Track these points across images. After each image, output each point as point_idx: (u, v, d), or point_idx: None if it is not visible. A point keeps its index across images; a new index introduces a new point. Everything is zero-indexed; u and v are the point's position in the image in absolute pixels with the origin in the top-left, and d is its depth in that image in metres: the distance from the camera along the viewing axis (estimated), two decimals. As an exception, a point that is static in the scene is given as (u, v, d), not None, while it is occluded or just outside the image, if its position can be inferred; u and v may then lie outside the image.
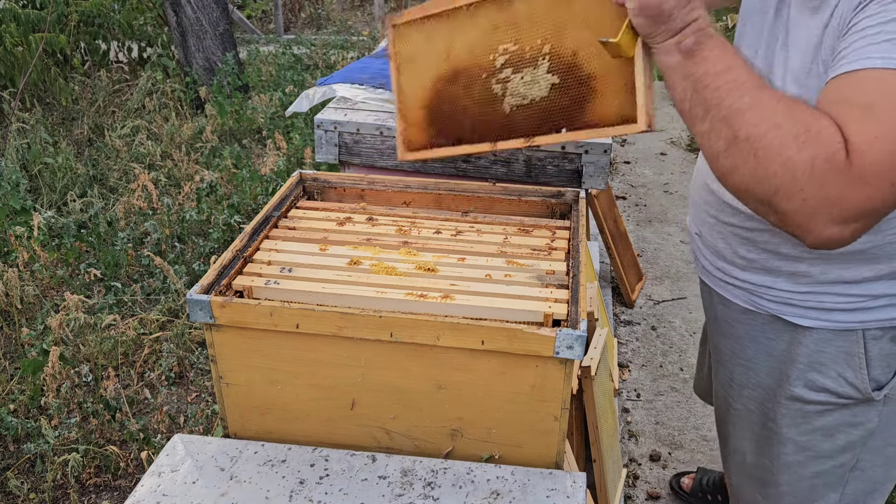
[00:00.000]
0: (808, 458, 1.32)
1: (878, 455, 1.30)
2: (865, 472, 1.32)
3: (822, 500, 1.36)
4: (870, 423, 1.26)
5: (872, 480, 1.33)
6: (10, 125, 4.14)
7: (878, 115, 0.91)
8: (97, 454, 2.26)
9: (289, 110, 2.10)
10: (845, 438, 1.28)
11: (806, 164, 0.91)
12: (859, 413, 1.26)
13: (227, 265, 1.34)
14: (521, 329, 1.17)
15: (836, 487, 1.34)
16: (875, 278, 1.17)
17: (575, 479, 1.21)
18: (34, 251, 3.09)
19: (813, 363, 1.25)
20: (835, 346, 1.23)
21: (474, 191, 1.64)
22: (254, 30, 7.22)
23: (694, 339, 2.93)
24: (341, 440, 1.32)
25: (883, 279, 1.17)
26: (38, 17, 4.61)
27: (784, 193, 0.93)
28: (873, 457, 1.30)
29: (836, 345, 1.23)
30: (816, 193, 0.92)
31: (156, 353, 2.72)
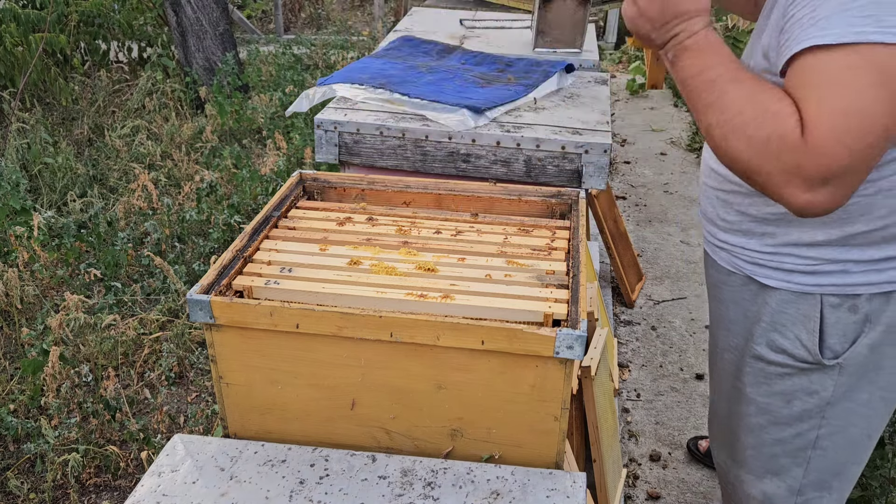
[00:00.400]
0: (769, 423, 1.38)
1: (841, 435, 1.34)
2: (828, 452, 1.36)
3: (785, 474, 1.40)
4: (825, 392, 1.31)
5: (837, 461, 1.37)
6: (10, 125, 4.14)
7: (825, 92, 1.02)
8: (97, 454, 2.26)
9: (289, 110, 2.10)
10: (801, 406, 1.34)
11: (762, 140, 1.05)
12: (815, 381, 1.31)
13: (227, 265, 1.34)
14: (521, 329, 1.17)
15: (798, 462, 1.38)
16: (826, 242, 1.24)
17: (575, 479, 1.21)
18: (34, 251, 3.09)
19: (774, 323, 1.32)
20: (795, 307, 1.30)
21: (474, 191, 1.64)
22: (254, 30, 7.22)
23: (694, 338, 2.93)
24: (341, 440, 1.32)
25: (834, 245, 1.24)
26: (38, 17, 4.60)
27: (754, 168, 1.07)
28: (835, 436, 1.34)
29: (797, 307, 1.29)
30: (776, 165, 1.04)
31: (156, 353, 2.72)
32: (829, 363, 1.29)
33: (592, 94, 2.22)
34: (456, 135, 1.87)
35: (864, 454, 1.39)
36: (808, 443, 1.36)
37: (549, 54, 2.52)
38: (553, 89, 2.23)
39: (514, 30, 2.86)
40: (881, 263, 1.24)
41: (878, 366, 1.29)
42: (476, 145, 1.87)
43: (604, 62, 6.53)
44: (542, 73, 2.26)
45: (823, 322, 1.28)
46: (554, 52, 2.54)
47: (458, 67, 2.32)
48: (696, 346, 2.88)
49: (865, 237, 1.23)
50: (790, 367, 1.33)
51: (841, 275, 1.25)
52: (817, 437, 1.35)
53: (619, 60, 6.62)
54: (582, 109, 2.07)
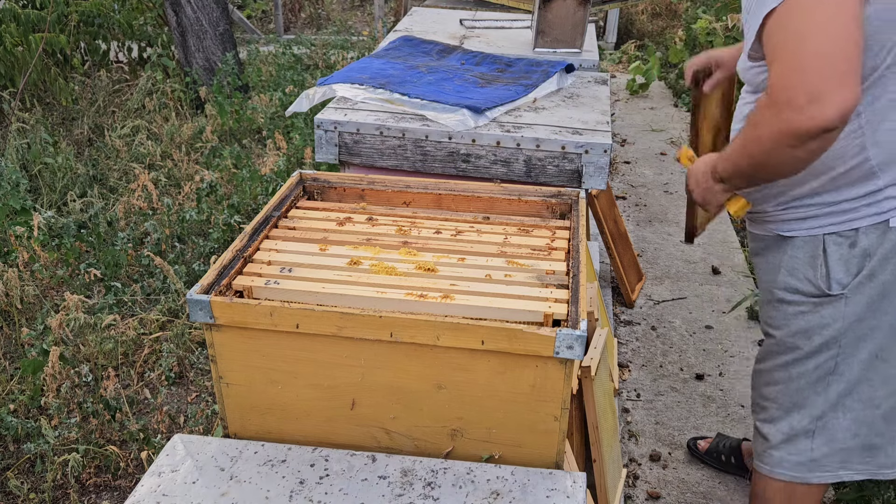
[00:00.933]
0: (794, 360, 1.57)
1: (854, 358, 1.51)
2: (843, 376, 1.53)
3: (810, 405, 1.57)
4: (836, 324, 1.49)
5: (850, 382, 1.53)
6: (10, 125, 4.14)
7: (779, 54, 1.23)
8: (97, 454, 2.26)
9: (289, 110, 2.10)
10: (819, 340, 1.52)
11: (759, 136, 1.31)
12: (827, 315, 1.49)
13: (227, 265, 1.34)
14: (521, 329, 1.17)
15: (818, 390, 1.56)
16: (821, 189, 1.44)
17: (575, 479, 1.21)
18: (34, 251, 3.09)
19: (790, 268, 1.52)
20: (803, 251, 1.50)
21: (474, 191, 1.64)
22: (254, 30, 7.22)
23: (694, 338, 2.93)
24: (341, 440, 1.32)
25: (828, 190, 1.43)
26: (38, 17, 4.60)
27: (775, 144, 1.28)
28: (849, 360, 1.51)
29: (804, 250, 1.49)
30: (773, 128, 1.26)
31: (156, 353, 2.72)
32: (835, 293, 1.47)
33: (592, 94, 2.22)
34: (456, 135, 1.87)
35: (875, 374, 1.53)
36: (827, 371, 1.53)
37: (549, 54, 2.52)
38: (553, 89, 2.23)
39: (514, 30, 2.86)
40: (868, 197, 1.41)
41: (881, 293, 1.45)
42: (476, 145, 1.87)
43: (604, 62, 6.53)
44: (542, 73, 2.26)
45: (828, 259, 1.46)
46: (554, 52, 2.54)
47: (458, 67, 2.32)
48: (696, 346, 2.88)
49: (847, 176, 1.40)
50: (805, 304, 1.52)
51: (838, 214, 1.44)
52: (836, 365, 1.52)
53: (619, 60, 6.62)
54: (582, 109, 2.07)
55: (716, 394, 2.62)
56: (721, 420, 2.50)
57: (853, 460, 1.59)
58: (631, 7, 7.35)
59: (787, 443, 1.62)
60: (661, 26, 7.35)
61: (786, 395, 1.60)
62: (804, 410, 1.59)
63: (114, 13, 5.12)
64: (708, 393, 2.63)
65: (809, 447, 1.60)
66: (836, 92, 1.17)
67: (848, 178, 1.41)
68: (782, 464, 1.64)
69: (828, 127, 1.20)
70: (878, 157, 1.38)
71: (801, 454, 1.61)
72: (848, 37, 1.17)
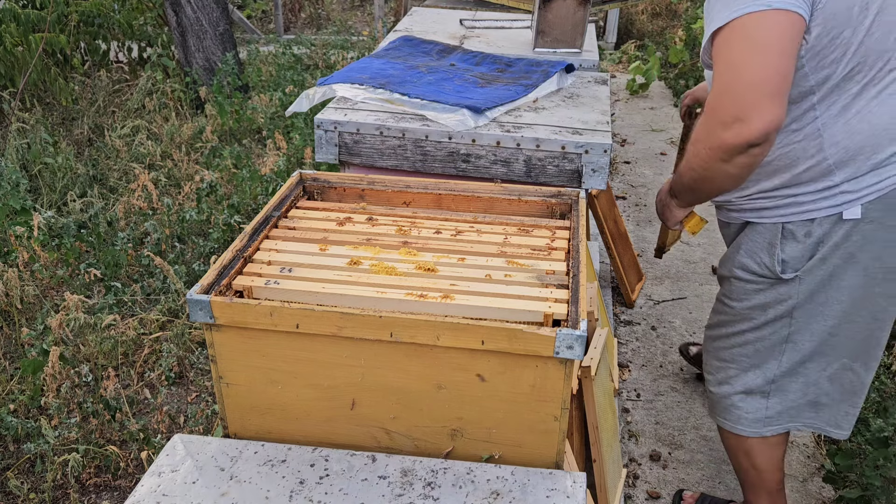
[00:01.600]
0: (751, 328, 1.73)
1: (807, 331, 1.67)
2: (797, 346, 1.69)
3: (764, 366, 1.74)
4: (790, 300, 1.65)
5: (803, 351, 1.69)
6: (10, 125, 4.14)
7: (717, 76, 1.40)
8: (97, 454, 2.26)
9: (289, 110, 2.10)
10: (774, 312, 1.68)
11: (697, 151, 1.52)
12: (783, 292, 1.65)
13: (227, 265, 1.34)
14: (521, 329, 1.17)
15: (774, 355, 1.72)
16: (782, 185, 1.58)
17: (575, 479, 1.21)
18: (34, 251, 3.09)
19: (748, 251, 1.67)
20: (762, 237, 1.64)
21: (474, 191, 1.64)
22: (254, 30, 7.22)
23: (693, 339, 2.93)
24: (341, 440, 1.32)
25: (788, 185, 1.57)
26: (38, 17, 4.60)
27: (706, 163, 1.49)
28: (802, 332, 1.67)
29: (764, 236, 1.64)
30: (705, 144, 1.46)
31: (156, 353, 2.72)
32: (788, 277, 1.63)
33: (592, 94, 2.22)
34: (456, 135, 1.87)
35: (828, 349, 1.69)
36: (782, 339, 1.70)
37: (549, 54, 2.52)
38: (553, 89, 2.23)
39: (514, 30, 2.86)
40: (825, 192, 1.54)
41: (831, 275, 1.60)
42: (476, 145, 1.87)
43: (604, 62, 6.53)
44: (542, 73, 2.26)
45: (784, 246, 1.61)
46: (554, 52, 2.54)
47: (458, 67, 2.32)
48: (696, 346, 2.88)
49: (807, 174, 1.54)
50: (762, 283, 1.68)
51: (797, 206, 1.57)
52: (789, 334, 1.69)
53: (619, 60, 6.62)
54: (582, 109, 2.07)
55: (716, 394, 2.62)
56: (721, 420, 2.50)
57: (802, 415, 1.78)
58: (631, 7, 7.35)
59: (744, 400, 1.80)
60: (661, 26, 7.35)
61: (743, 356, 1.77)
62: (759, 371, 1.76)
63: (114, 13, 5.12)
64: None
65: (764, 405, 1.78)
66: (759, 115, 1.34)
67: (808, 175, 1.54)
68: (741, 420, 1.81)
69: (752, 142, 1.37)
70: (835, 156, 1.51)
71: (757, 412, 1.79)
72: (776, 69, 1.33)
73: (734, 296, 1.74)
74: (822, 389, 1.73)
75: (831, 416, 1.76)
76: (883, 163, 1.50)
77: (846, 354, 1.69)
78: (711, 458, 2.36)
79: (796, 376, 1.73)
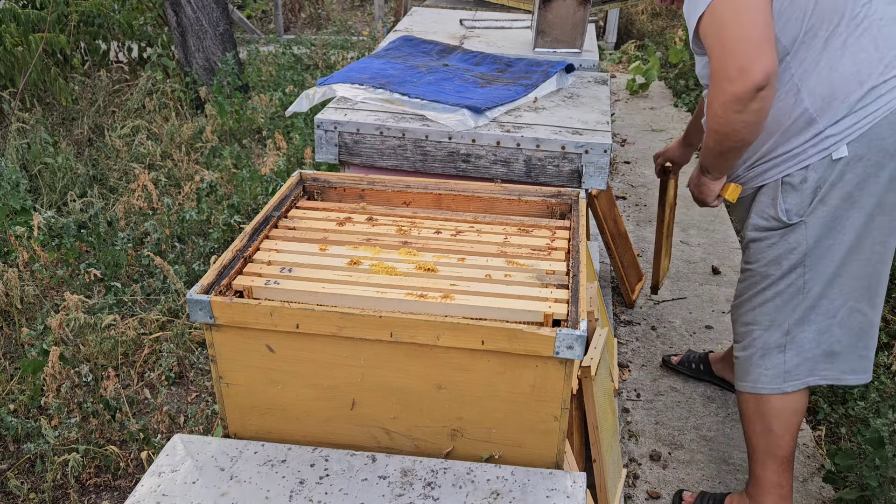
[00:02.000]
0: (769, 284, 1.85)
1: (816, 273, 1.78)
2: (810, 291, 1.80)
3: (781, 321, 1.85)
4: (800, 246, 1.77)
5: (813, 297, 1.80)
6: (10, 125, 4.14)
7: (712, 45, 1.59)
8: (97, 454, 2.26)
9: (289, 110, 2.10)
10: (788, 263, 1.80)
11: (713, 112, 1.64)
12: (792, 240, 1.78)
13: (227, 265, 1.34)
14: (521, 329, 1.17)
15: (791, 307, 1.83)
16: (776, 144, 1.75)
17: (575, 479, 1.21)
18: (34, 251, 3.09)
19: (758, 211, 1.83)
20: (766, 196, 1.80)
21: (474, 191, 1.64)
22: (254, 30, 7.22)
23: (694, 338, 2.93)
24: (341, 440, 1.33)
25: (781, 144, 1.74)
26: (38, 17, 4.60)
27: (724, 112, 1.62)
28: (814, 277, 1.79)
29: (767, 195, 1.80)
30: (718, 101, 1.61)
31: (156, 353, 2.72)
32: (794, 222, 1.76)
33: (592, 94, 2.22)
34: (456, 135, 1.87)
35: (832, 289, 1.79)
36: (798, 289, 1.81)
37: (549, 54, 2.52)
38: (553, 89, 2.23)
39: (514, 30, 2.86)
40: (813, 140, 1.70)
41: (833, 216, 1.73)
42: (476, 145, 1.87)
43: (604, 62, 6.53)
44: (542, 73, 2.27)
45: (785, 196, 1.76)
46: (554, 52, 2.54)
47: (458, 67, 2.32)
48: (696, 346, 2.88)
49: (793, 127, 1.71)
50: (773, 237, 1.81)
51: (790, 159, 1.74)
52: (804, 283, 1.80)
53: (619, 60, 6.62)
54: (582, 109, 2.07)
55: (716, 394, 2.62)
56: (721, 420, 2.50)
57: (818, 368, 1.86)
58: (631, 7, 7.35)
59: (763, 357, 1.89)
60: (661, 26, 7.35)
61: (764, 315, 1.87)
62: (777, 327, 1.86)
63: (114, 13, 5.12)
64: (708, 393, 2.63)
65: (782, 360, 1.87)
66: (758, 60, 1.52)
67: (794, 129, 1.71)
68: (761, 378, 1.90)
69: (758, 85, 1.53)
70: (814, 105, 1.68)
71: (776, 367, 1.88)
72: (764, 21, 1.54)
73: (752, 258, 1.88)
74: (834, 337, 1.83)
75: (846, 363, 1.86)
76: (857, 104, 1.66)
77: (852, 296, 1.80)
78: (711, 458, 2.36)
79: (808, 324, 1.83)
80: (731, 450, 2.38)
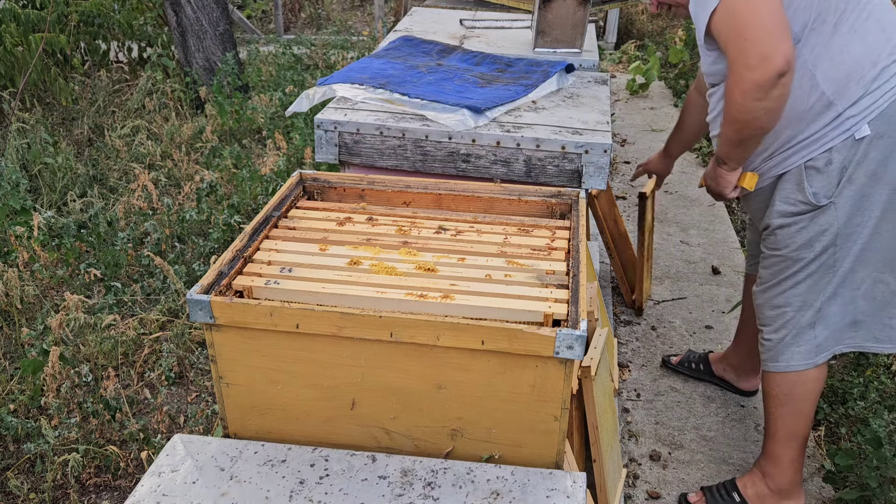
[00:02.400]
0: (802, 266, 1.86)
1: (847, 252, 1.82)
2: (840, 268, 1.84)
3: (813, 300, 1.88)
4: (832, 228, 1.80)
5: (842, 274, 1.85)
6: (10, 125, 4.14)
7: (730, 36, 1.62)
8: (97, 454, 2.26)
9: (289, 110, 2.10)
10: (821, 245, 1.82)
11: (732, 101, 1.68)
12: (822, 222, 1.80)
13: (227, 265, 1.34)
14: (521, 329, 1.17)
15: (822, 286, 1.86)
16: (796, 132, 1.78)
17: (575, 479, 1.21)
18: (34, 251, 3.09)
19: (783, 198, 1.84)
20: (790, 182, 1.83)
21: (474, 191, 1.64)
22: (254, 30, 7.22)
23: (694, 338, 2.93)
24: (341, 440, 1.33)
25: (801, 131, 1.77)
26: (38, 17, 4.60)
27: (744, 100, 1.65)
28: (844, 255, 1.83)
29: (791, 181, 1.82)
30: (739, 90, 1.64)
31: (156, 353, 2.72)
32: (824, 203, 1.79)
33: (592, 94, 2.22)
34: (456, 135, 1.87)
35: (860, 265, 1.84)
36: (828, 267, 1.84)
37: (549, 54, 2.52)
38: (553, 89, 2.23)
39: (514, 30, 2.86)
40: (833, 123, 1.74)
41: (861, 194, 1.77)
42: (476, 145, 1.87)
43: (604, 62, 6.53)
44: (542, 73, 2.27)
45: (811, 180, 1.78)
46: (554, 52, 2.54)
47: (458, 67, 2.32)
48: (696, 346, 2.88)
49: (811, 112, 1.74)
50: (802, 220, 1.82)
51: (812, 143, 1.77)
52: (834, 262, 1.83)
53: (619, 60, 6.62)
54: (582, 109, 2.07)
55: (716, 394, 2.62)
56: (721, 420, 2.50)
57: (844, 337, 1.92)
58: (631, 7, 7.35)
59: (797, 337, 1.92)
60: (661, 26, 7.35)
61: (796, 296, 1.90)
62: (808, 306, 1.89)
63: (114, 13, 5.12)
64: (708, 393, 2.63)
65: (813, 336, 1.91)
66: (778, 47, 1.56)
67: (812, 114, 1.75)
68: (795, 356, 1.93)
69: (780, 72, 1.57)
70: (830, 89, 1.72)
71: (808, 343, 1.92)
72: (778, 9, 1.58)
73: (781, 244, 1.89)
74: (859, 308, 1.88)
75: (869, 331, 1.92)
76: (872, 84, 1.71)
77: (876, 267, 1.85)
78: (711, 458, 2.36)
79: (836, 298, 1.87)
80: (731, 450, 2.38)
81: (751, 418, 2.51)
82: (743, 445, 2.39)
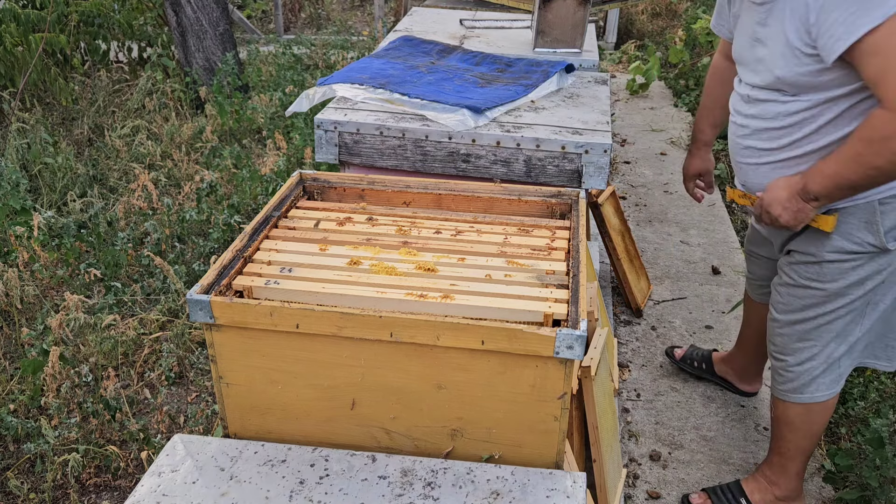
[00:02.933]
0: (846, 303, 1.78)
1: (889, 289, 1.77)
2: (878, 305, 1.79)
3: (847, 335, 1.83)
4: (888, 269, 1.73)
5: (882, 309, 1.80)
6: (10, 125, 4.14)
7: (887, 68, 1.45)
8: (97, 454, 2.26)
9: (289, 110, 2.10)
10: (872, 283, 1.75)
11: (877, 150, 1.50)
12: (882, 262, 1.72)
13: (227, 265, 1.34)
14: (521, 329, 1.17)
15: (858, 322, 1.81)
16: None
17: (575, 479, 1.21)
18: (34, 251, 3.09)
19: (844, 233, 1.71)
20: (857, 217, 1.69)
21: (474, 191, 1.64)
22: (254, 30, 7.22)
23: (694, 339, 2.93)
24: (341, 440, 1.33)
25: None
26: (38, 17, 4.60)
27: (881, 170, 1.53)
28: (886, 291, 1.77)
29: (858, 217, 1.69)
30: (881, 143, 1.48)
31: (156, 353, 2.72)
32: (893, 248, 1.70)
33: (592, 94, 2.22)
34: (456, 135, 1.87)
35: None
36: (873, 304, 1.79)
37: (549, 54, 2.52)
38: (553, 89, 2.23)
39: (514, 30, 2.86)
40: None
41: None
42: (476, 145, 1.87)
43: (604, 62, 6.53)
44: (542, 73, 2.27)
45: (884, 220, 1.67)
46: (554, 52, 2.54)
47: (458, 67, 2.32)
48: (697, 345, 2.88)
49: None
50: (860, 258, 1.72)
51: None
52: (880, 298, 1.78)
53: (619, 60, 6.62)
54: (582, 109, 2.07)
55: (716, 394, 2.62)
56: (721, 420, 2.50)
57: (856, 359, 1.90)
58: (631, 7, 7.35)
59: (827, 369, 1.86)
60: (661, 26, 7.35)
61: (830, 331, 1.83)
62: (841, 339, 1.83)
63: (114, 13, 5.12)
64: (708, 393, 2.63)
65: (839, 365, 1.87)
66: None
67: None
68: (820, 388, 1.88)
69: None
70: None
71: (834, 373, 1.87)
72: None
73: (826, 278, 1.78)
74: (875, 330, 1.86)
75: (871, 350, 1.90)
76: None
77: None
78: (711, 458, 2.36)
79: (870, 332, 1.84)
80: (731, 450, 2.38)
81: (751, 418, 2.51)
82: (743, 445, 2.39)
